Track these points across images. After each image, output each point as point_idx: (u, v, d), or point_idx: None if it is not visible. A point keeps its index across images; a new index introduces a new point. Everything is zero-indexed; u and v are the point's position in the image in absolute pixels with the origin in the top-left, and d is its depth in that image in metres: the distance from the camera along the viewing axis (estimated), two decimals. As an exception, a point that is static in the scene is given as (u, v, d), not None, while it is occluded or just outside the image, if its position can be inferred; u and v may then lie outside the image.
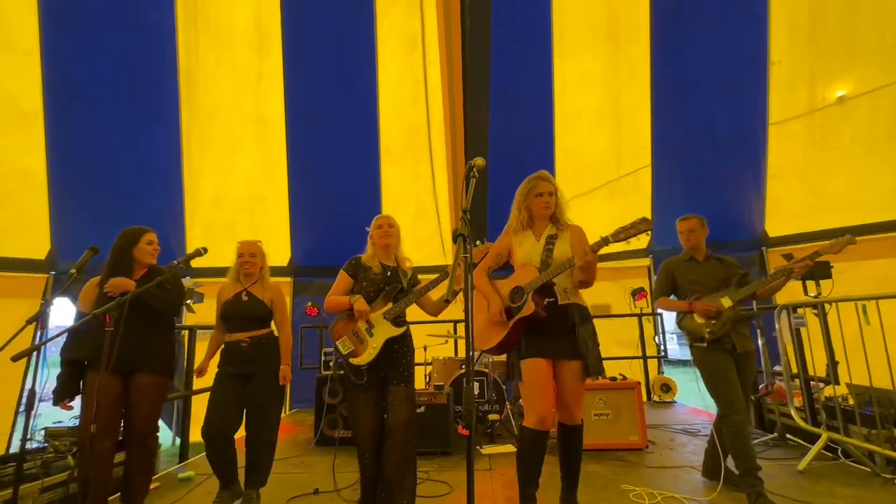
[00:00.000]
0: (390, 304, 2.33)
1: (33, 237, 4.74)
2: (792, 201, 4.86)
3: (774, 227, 4.90)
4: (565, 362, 2.00)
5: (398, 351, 2.33)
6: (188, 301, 3.75)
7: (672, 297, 2.75)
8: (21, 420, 2.59)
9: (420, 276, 2.50)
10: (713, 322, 2.50)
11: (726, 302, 2.49)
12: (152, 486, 2.96)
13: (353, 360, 2.27)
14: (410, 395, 2.31)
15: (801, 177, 4.78)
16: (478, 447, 3.53)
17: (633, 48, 5.34)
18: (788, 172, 4.82)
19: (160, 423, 2.40)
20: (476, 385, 4.02)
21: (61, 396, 2.22)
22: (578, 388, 2.03)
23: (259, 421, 2.51)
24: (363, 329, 2.30)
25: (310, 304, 5.50)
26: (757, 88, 4.80)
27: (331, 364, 4.47)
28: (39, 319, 1.75)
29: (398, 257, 2.51)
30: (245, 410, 2.53)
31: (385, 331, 2.29)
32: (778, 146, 4.87)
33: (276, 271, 5.86)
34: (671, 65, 5.19)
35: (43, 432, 3.27)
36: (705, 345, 2.48)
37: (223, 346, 2.63)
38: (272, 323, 2.71)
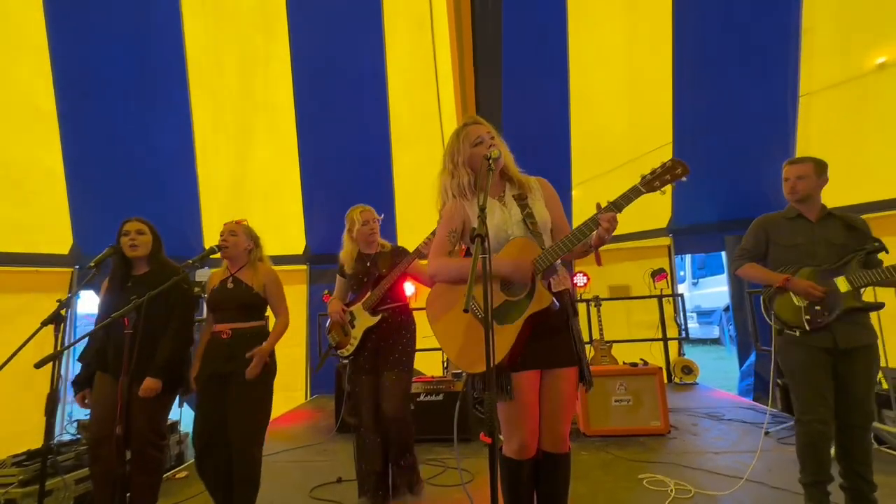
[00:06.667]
0: (369, 294, 2.44)
1: (56, 233, 4.83)
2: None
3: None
4: (557, 371, 1.52)
5: (384, 337, 2.42)
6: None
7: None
8: (57, 413, 2.63)
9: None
10: (817, 308, 1.93)
11: (842, 285, 1.91)
12: (180, 475, 3.06)
13: (340, 352, 2.47)
14: (402, 379, 2.41)
15: (832, 150, 4.53)
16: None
17: (655, 17, 5.07)
18: (818, 145, 4.58)
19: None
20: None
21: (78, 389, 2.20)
22: (571, 403, 1.57)
23: (235, 430, 2.15)
24: (347, 322, 2.46)
25: (326, 291, 5.53)
26: (787, 58, 4.53)
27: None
28: (56, 321, 1.74)
29: (378, 243, 2.57)
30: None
31: (363, 321, 2.42)
32: (807, 118, 4.62)
33: (292, 259, 5.94)
34: (695, 34, 4.91)
35: (75, 424, 3.40)
36: (797, 334, 1.95)
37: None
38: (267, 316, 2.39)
